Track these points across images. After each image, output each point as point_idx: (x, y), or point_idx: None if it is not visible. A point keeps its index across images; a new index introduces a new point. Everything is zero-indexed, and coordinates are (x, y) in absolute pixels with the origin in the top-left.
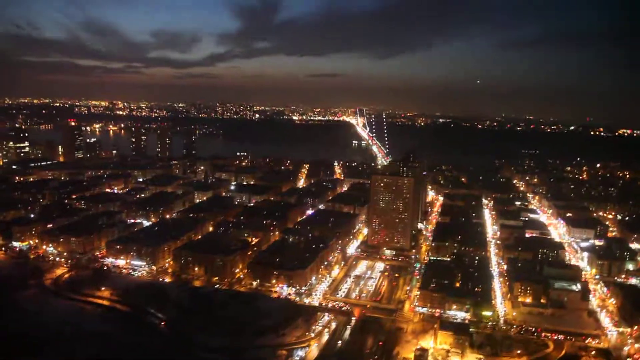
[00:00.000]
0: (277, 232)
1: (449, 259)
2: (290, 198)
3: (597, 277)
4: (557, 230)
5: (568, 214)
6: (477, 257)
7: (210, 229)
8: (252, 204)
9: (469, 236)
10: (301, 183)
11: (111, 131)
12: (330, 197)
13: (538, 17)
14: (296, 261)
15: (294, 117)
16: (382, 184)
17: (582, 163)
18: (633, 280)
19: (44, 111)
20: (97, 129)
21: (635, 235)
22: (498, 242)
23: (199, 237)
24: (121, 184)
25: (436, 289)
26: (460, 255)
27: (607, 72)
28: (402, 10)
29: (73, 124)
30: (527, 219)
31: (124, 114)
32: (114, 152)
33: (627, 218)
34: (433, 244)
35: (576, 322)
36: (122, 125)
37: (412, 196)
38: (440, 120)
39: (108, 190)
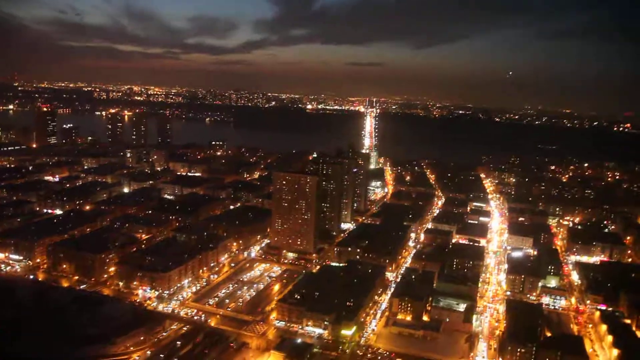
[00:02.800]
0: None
1: (341, 266)
2: (222, 192)
3: (509, 293)
4: (502, 237)
5: (520, 219)
6: (370, 266)
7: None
8: (172, 197)
9: (382, 241)
10: (256, 175)
11: (126, 116)
12: (267, 192)
13: (583, 7)
14: (171, 262)
15: (308, 106)
16: (284, 183)
17: (572, 161)
18: (545, 299)
19: (64, 95)
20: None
21: (577, 246)
22: (417, 248)
23: (88, 231)
24: (65, 172)
25: (296, 301)
26: (355, 262)
27: None
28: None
29: (45, 109)
30: (468, 222)
31: (142, 99)
32: (89, 138)
33: (578, 227)
34: (336, 249)
35: (445, 347)
36: (137, 110)
37: (318, 195)
38: (460, 111)
39: (48, 178)
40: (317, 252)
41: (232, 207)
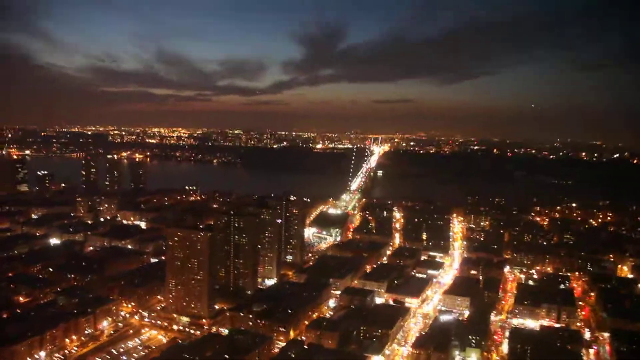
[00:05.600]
0: None
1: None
2: (150, 244)
3: None
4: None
5: (472, 272)
6: (256, 337)
7: None
8: (89, 251)
9: (288, 303)
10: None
11: (137, 159)
12: None
13: (610, 39)
14: (30, 332)
15: (318, 145)
16: (176, 239)
17: (562, 200)
18: None
19: (80, 139)
20: (125, 158)
21: (520, 308)
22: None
23: None
24: (6, 222)
25: None
26: (238, 332)
27: None
28: (466, 38)
29: (15, 156)
30: (409, 277)
31: (155, 141)
32: (62, 185)
33: (529, 282)
34: (227, 313)
35: None
36: (148, 153)
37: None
38: (475, 147)
39: None
40: (214, 317)
41: (153, 261)
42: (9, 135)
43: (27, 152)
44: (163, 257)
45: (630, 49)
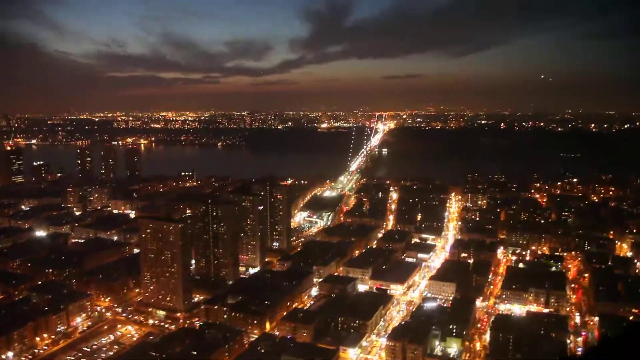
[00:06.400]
0: None
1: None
2: (135, 235)
3: None
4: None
5: (463, 255)
6: (227, 331)
7: None
8: (74, 243)
9: (268, 294)
10: None
11: (142, 145)
12: None
13: (626, 7)
14: None
15: (323, 125)
16: (148, 231)
17: (564, 175)
18: None
19: (86, 127)
20: (130, 144)
21: (508, 293)
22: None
23: None
24: None
25: None
26: (210, 325)
27: None
28: (475, 7)
29: (9, 148)
30: (398, 261)
31: (159, 126)
32: (58, 175)
33: (520, 265)
34: (202, 306)
35: None
36: (153, 138)
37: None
38: (482, 121)
39: None
40: (190, 310)
41: (136, 252)
42: (16, 125)
43: (34, 141)
44: None
45: None
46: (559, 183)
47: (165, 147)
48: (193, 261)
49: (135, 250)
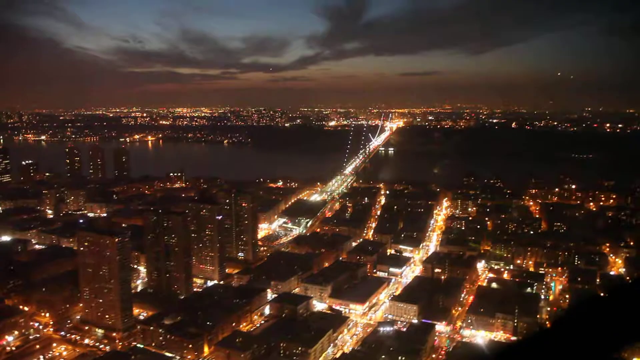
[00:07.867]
0: None
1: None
2: None
3: None
4: None
5: (437, 270)
6: (155, 357)
7: None
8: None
9: (213, 312)
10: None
11: (150, 142)
12: None
13: None
14: None
15: (331, 123)
16: (86, 244)
17: (564, 181)
18: None
19: (96, 123)
20: (137, 140)
21: (472, 318)
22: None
23: None
24: None
25: None
26: (137, 351)
27: None
28: (494, 3)
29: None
30: (367, 277)
31: (167, 123)
32: (47, 174)
33: (492, 285)
34: (138, 326)
35: None
36: (160, 135)
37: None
38: (494, 120)
39: None
40: (128, 329)
41: None
42: (27, 121)
43: (43, 137)
44: None
45: None
46: (557, 189)
47: (172, 144)
48: (144, 274)
49: None
